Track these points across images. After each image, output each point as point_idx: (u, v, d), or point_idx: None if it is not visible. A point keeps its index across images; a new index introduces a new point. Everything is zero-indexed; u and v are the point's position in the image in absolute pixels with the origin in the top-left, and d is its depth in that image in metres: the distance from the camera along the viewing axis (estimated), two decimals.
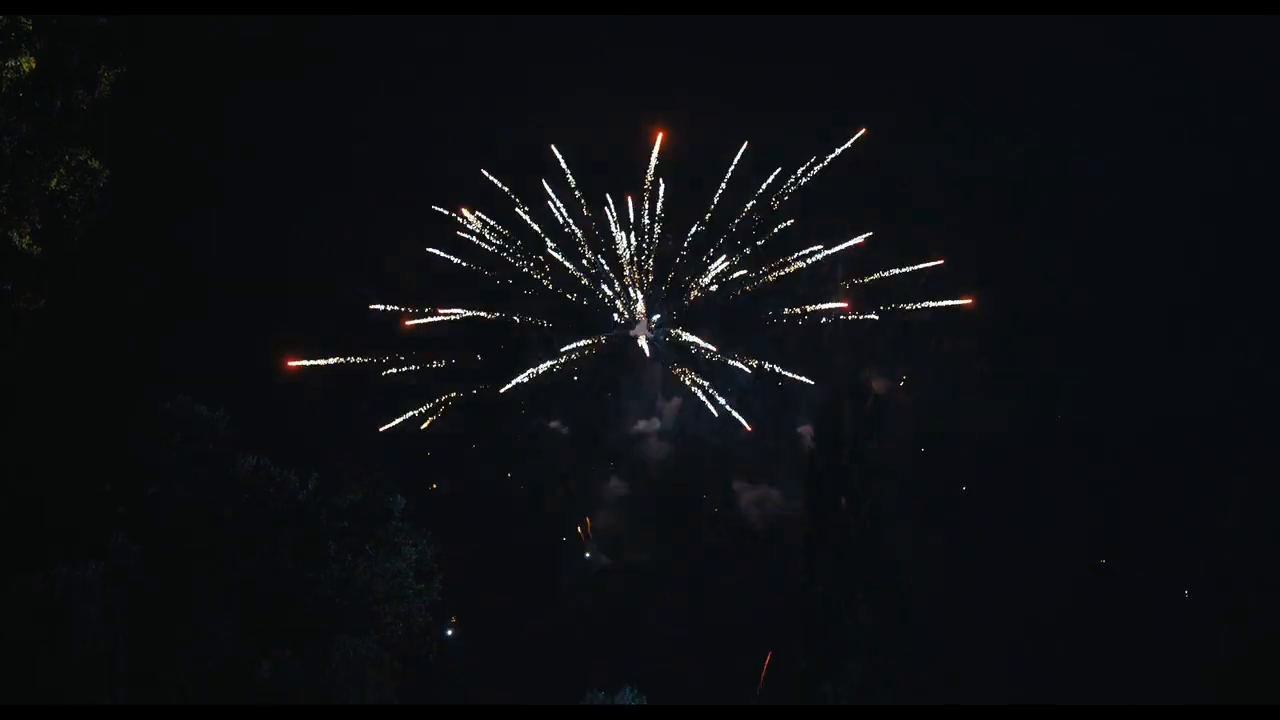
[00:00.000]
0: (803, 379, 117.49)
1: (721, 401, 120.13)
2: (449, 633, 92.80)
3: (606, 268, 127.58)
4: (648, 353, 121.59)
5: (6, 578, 69.91)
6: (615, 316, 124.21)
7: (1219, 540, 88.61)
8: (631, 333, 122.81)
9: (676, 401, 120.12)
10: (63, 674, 67.33)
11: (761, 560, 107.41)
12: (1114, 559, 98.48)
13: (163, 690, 69.67)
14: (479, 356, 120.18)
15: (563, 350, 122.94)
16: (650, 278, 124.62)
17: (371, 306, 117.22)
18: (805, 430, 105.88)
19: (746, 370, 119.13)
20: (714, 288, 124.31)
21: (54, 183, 59.01)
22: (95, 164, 58.84)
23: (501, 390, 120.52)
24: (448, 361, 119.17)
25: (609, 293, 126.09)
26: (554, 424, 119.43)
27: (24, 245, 60.22)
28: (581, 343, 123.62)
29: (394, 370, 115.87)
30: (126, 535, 72.73)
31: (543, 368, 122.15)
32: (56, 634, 68.81)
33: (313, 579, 76.50)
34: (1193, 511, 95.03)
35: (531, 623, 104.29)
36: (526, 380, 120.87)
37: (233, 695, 71.05)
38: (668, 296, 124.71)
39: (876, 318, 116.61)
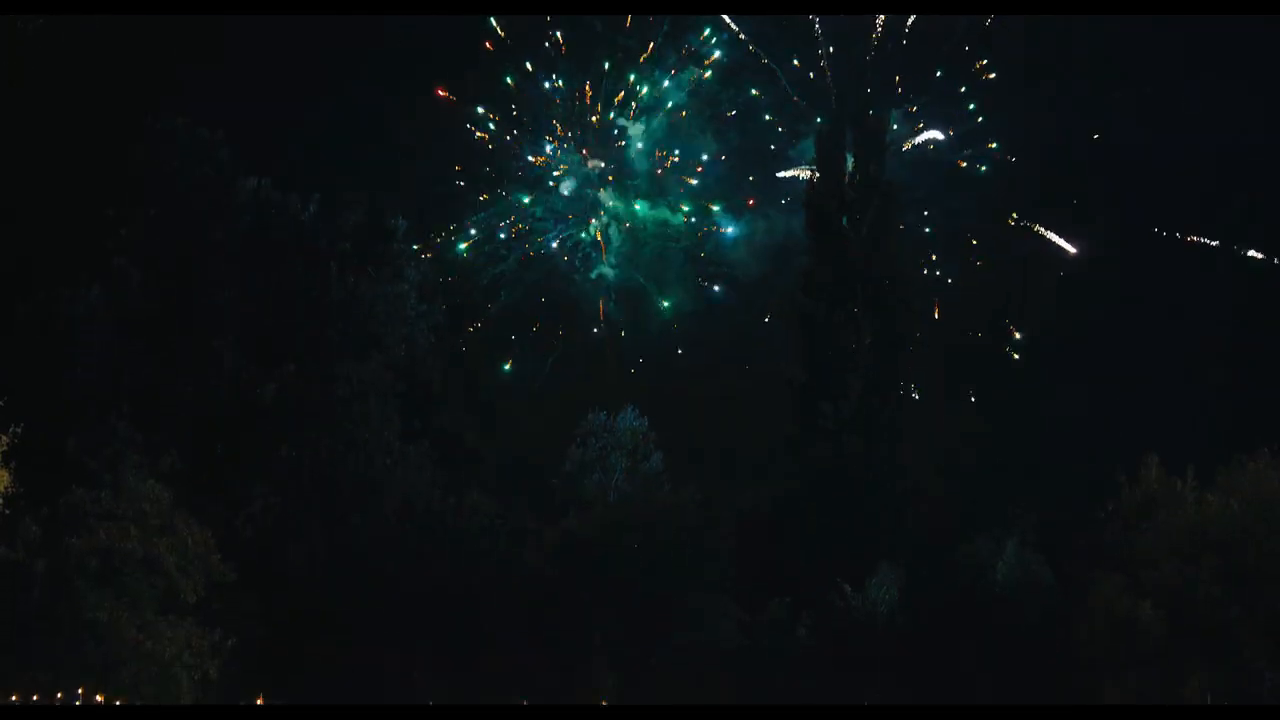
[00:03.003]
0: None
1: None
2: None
3: None
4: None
5: (10, 300, 70.20)
6: None
7: None
8: None
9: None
10: (67, 394, 68.00)
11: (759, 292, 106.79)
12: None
13: (165, 408, 70.43)
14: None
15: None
16: None
17: None
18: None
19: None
20: None
21: None
22: None
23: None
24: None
25: None
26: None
27: None
28: None
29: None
30: (127, 258, 72.70)
31: None
32: (61, 355, 69.31)
33: (315, 300, 76.66)
34: None
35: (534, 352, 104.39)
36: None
37: (236, 415, 71.80)
38: None
39: None
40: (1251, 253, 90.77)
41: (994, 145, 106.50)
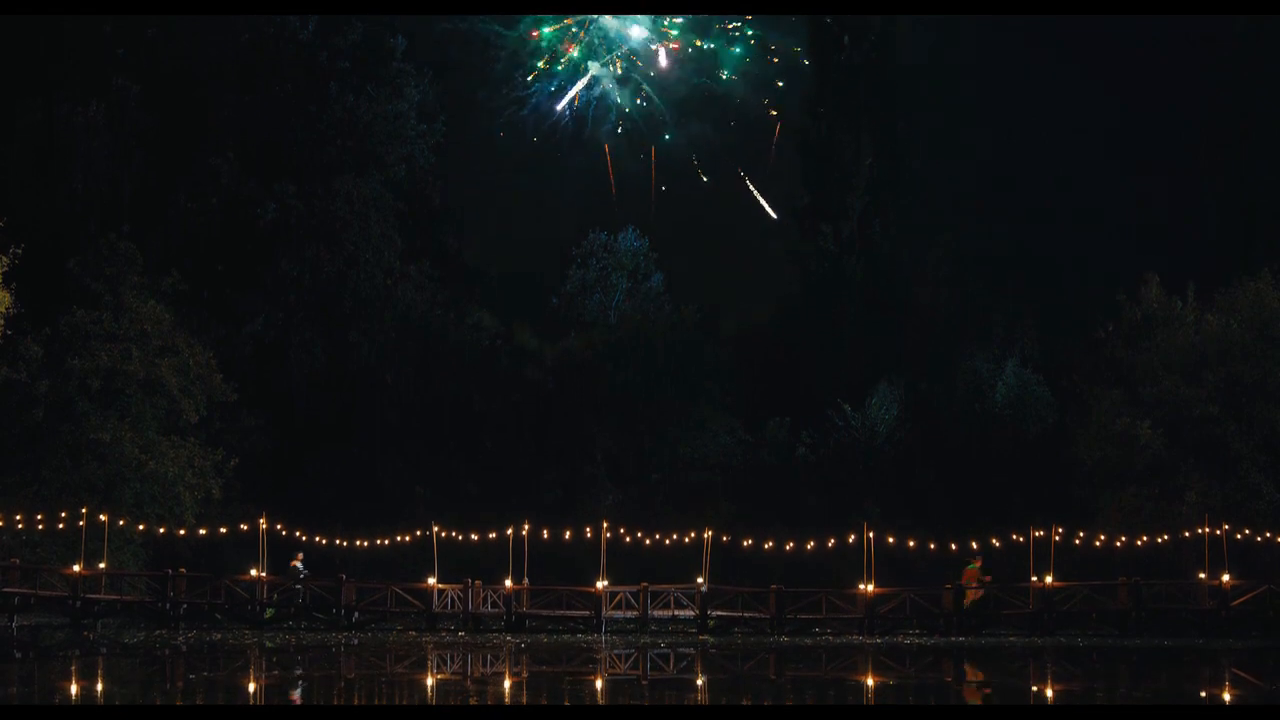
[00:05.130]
0: None
1: None
2: None
3: None
4: None
5: (9, 119, 69.83)
6: None
7: None
8: None
9: None
10: (67, 214, 67.94)
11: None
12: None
13: (166, 228, 70.41)
14: None
15: None
16: None
17: None
18: None
19: None
20: None
21: None
22: None
23: None
24: None
25: None
26: None
27: None
28: None
29: None
30: (127, 77, 72.09)
31: None
32: (60, 175, 69.17)
33: (314, 119, 76.17)
34: None
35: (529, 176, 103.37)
36: None
37: (236, 232, 71.76)
38: None
39: None
40: None
41: None
